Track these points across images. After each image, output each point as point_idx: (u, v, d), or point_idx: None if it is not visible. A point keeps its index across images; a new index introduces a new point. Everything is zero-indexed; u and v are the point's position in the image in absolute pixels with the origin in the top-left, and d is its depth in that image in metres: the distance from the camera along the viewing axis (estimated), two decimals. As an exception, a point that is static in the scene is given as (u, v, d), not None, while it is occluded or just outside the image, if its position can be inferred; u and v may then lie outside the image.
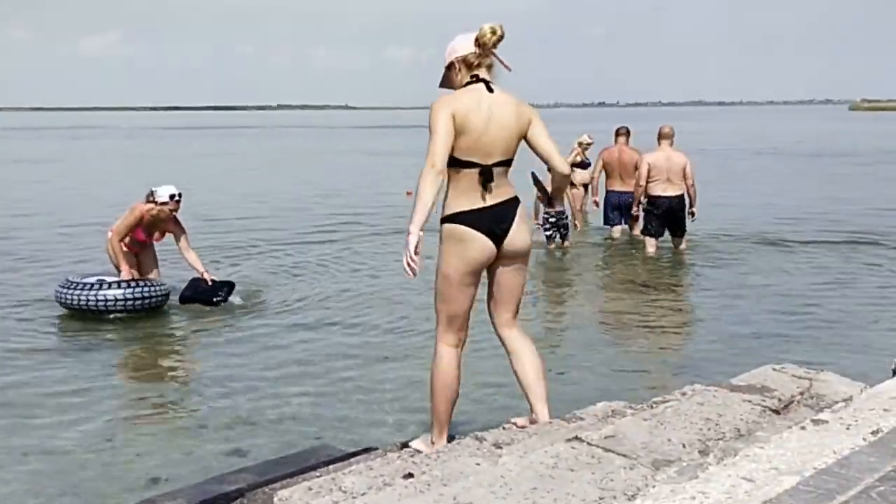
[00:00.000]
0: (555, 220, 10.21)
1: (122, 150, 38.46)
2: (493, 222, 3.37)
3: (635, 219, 10.61)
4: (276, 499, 3.00)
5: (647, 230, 9.84)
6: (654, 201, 9.62)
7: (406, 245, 3.21)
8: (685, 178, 9.54)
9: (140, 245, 7.50)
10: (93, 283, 7.03)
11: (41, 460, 4.28)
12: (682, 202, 9.64)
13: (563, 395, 5.00)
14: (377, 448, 3.84)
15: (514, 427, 3.64)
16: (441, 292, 3.47)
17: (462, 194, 3.36)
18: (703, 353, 6.12)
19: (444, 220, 3.42)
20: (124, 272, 7.15)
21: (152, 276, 7.56)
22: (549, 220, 10.23)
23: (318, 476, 3.23)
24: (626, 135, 11.03)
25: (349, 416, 4.83)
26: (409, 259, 3.20)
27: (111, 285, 7.03)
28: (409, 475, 2.96)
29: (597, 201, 11.51)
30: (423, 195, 3.22)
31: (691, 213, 9.75)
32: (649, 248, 9.76)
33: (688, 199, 9.63)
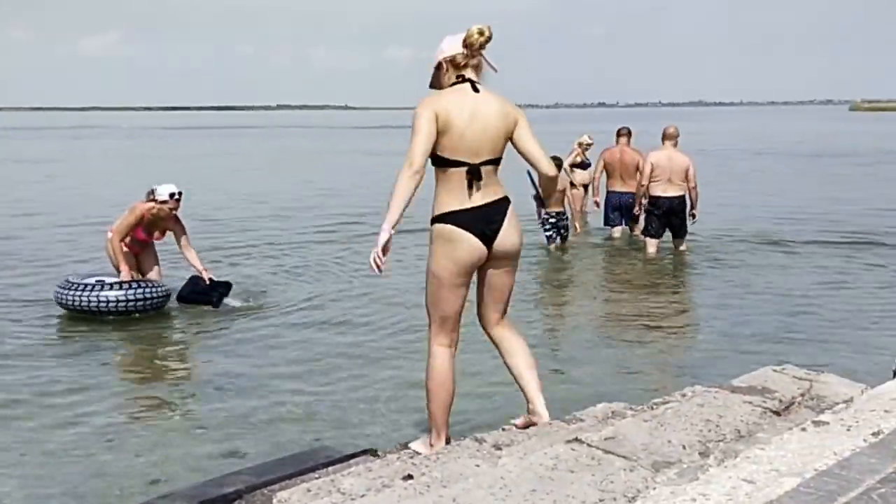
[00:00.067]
0: (555, 220, 10.21)
1: (123, 150, 38.47)
2: (483, 222, 3.36)
3: (636, 219, 10.61)
4: (274, 500, 2.99)
5: (648, 231, 9.84)
6: (654, 201, 9.62)
7: (375, 242, 3.27)
8: (687, 180, 9.52)
9: (141, 244, 7.48)
10: (92, 284, 7.01)
11: (39, 461, 4.27)
12: (683, 203, 9.63)
13: (563, 397, 4.99)
14: (376, 450, 3.83)
15: (514, 428, 3.64)
16: (432, 293, 3.47)
17: (451, 194, 3.36)
18: (703, 355, 6.12)
19: (433, 221, 3.41)
20: (124, 273, 7.12)
21: (153, 274, 7.53)
22: (549, 221, 10.23)
23: (317, 478, 3.22)
24: (628, 135, 11.05)
25: (348, 417, 4.83)
26: (375, 255, 3.27)
27: (112, 286, 7.01)
28: (409, 477, 2.95)
29: (597, 202, 11.51)
30: (398, 193, 3.25)
31: (692, 216, 9.75)
32: (650, 248, 9.75)
33: (689, 200, 9.62)
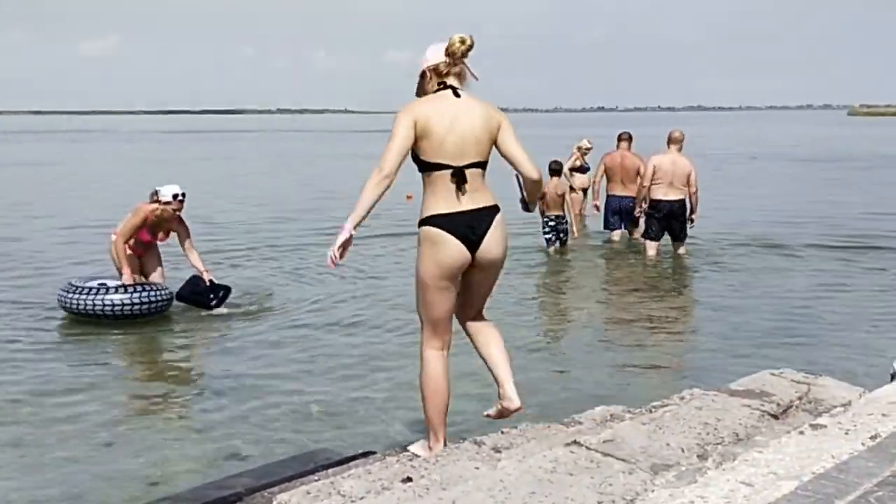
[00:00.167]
0: (554, 223, 10.22)
1: (122, 154, 38.45)
2: (468, 227, 3.37)
3: (635, 223, 10.63)
4: (274, 502, 3.00)
5: (648, 234, 9.86)
6: (655, 205, 9.62)
7: (335, 238, 3.34)
8: (689, 185, 9.53)
9: (144, 246, 7.47)
10: (95, 288, 6.97)
11: (39, 462, 4.27)
12: (684, 207, 9.63)
13: (562, 399, 5.01)
14: (376, 452, 3.84)
15: (489, 417, 3.68)
16: (420, 297, 3.50)
17: (437, 197, 3.38)
18: (701, 358, 6.13)
19: (420, 224, 3.44)
20: (126, 276, 7.10)
21: (156, 276, 7.51)
22: (549, 224, 10.24)
23: (317, 480, 3.23)
24: (629, 140, 11.12)
25: (348, 419, 4.83)
26: (333, 252, 3.33)
27: (115, 290, 6.98)
28: (408, 479, 2.96)
29: (597, 205, 11.53)
30: (365, 195, 3.33)
31: (690, 220, 9.75)
32: (649, 251, 9.76)
33: (689, 205, 9.63)
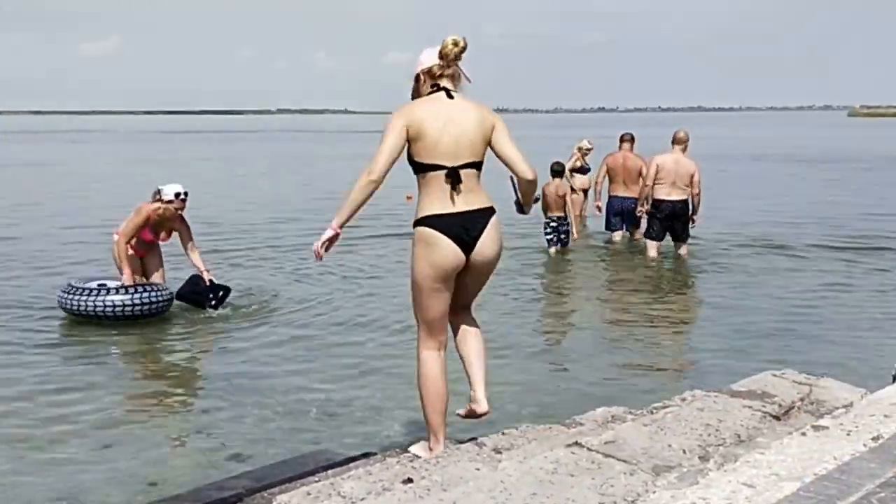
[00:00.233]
0: (556, 224, 10.21)
1: (122, 154, 38.45)
2: (462, 228, 3.36)
3: (637, 224, 10.61)
4: (274, 503, 2.99)
5: (649, 233, 9.85)
6: (657, 205, 9.61)
7: (321, 234, 3.41)
8: (691, 185, 9.52)
9: (147, 246, 7.45)
10: (96, 289, 6.96)
11: (39, 464, 4.26)
12: (686, 207, 9.61)
13: (563, 400, 5.01)
14: (376, 453, 3.83)
15: (459, 416, 3.65)
16: (414, 298, 3.50)
17: (432, 198, 3.37)
18: (703, 359, 6.12)
19: (414, 224, 3.43)
20: (126, 276, 7.09)
21: (157, 277, 7.49)
22: (550, 226, 10.24)
23: (317, 481, 3.22)
24: (631, 141, 11.13)
25: (348, 420, 4.82)
26: (318, 246, 3.40)
27: (117, 290, 6.96)
28: (409, 480, 2.95)
29: (599, 206, 11.52)
30: (352, 198, 3.37)
31: (692, 220, 9.74)
32: (650, 251, 9.75)
33: (691, 205, 9.62)
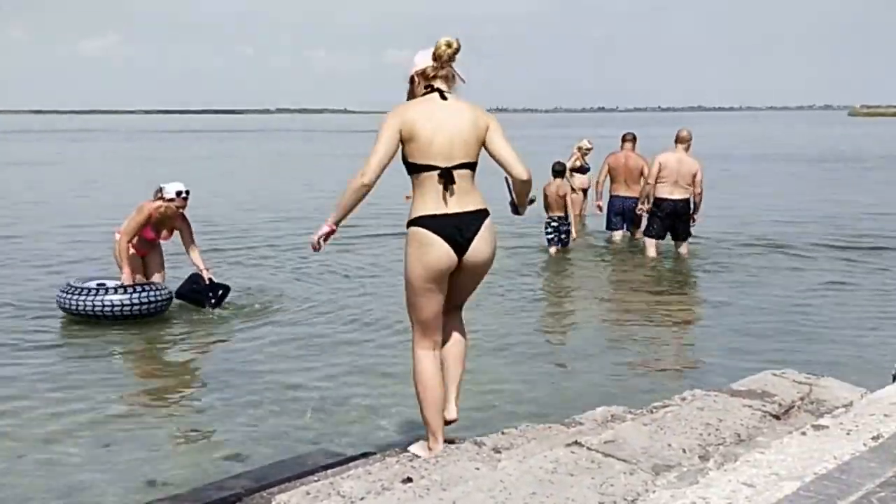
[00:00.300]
0: (556, 224, 10.20)
1: (122, 153, 38.46)
2: (456, 229, 3.35)
3: (637, 224, 10.60)
4: (274, 503, 2.99)
5: (649, 231, 9.84)
6: (659, 203, 9.60)
7: (318, 229, 3.47)
8: (693, 185, 9.51)
9: (149, 245, 7.44)
10: (95, 289, 6.95)
11: (37, 463, 4.26)
12: (687, 206, 9.60)
13: (563, 400, 5.01)
14: (376, 452, 3.83)
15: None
16: (408, 298, 3.50)
17: (425, 199, 3.37)
18: (703, 358, 6.12)
19: (408, 224, 3.43)
20: (125, 276, 7.08)
21: (157, 277, 7.49)
22: (551, 225, 10.23)
23: (317, 481, 3.22)
24: (633, 140, 11.14)
25: (348, 420, 4.82)
26: (315, 239, 3.47)
27: (116, 290, 6.95)
28: (408, 479, 2.95)
29: (600, 205, 11.52)
30: (344, 201, 3.38)
31: (692, 219, 9.74)
32: (650, 249, 9.74)
33: (692, 204, 9.61)
